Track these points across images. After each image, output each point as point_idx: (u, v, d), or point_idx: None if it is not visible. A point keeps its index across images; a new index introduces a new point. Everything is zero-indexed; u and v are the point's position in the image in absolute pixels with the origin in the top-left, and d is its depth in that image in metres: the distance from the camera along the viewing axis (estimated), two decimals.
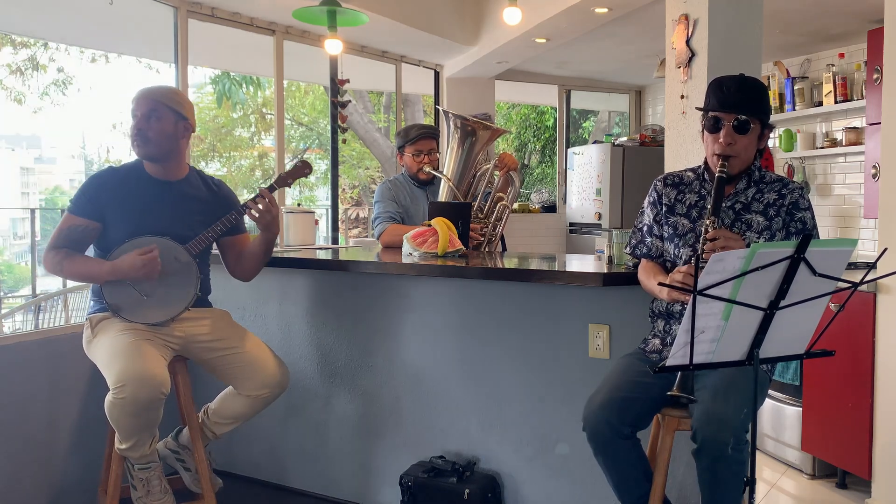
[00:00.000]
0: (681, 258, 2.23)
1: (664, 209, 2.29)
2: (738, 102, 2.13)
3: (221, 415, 2.72)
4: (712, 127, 2.16)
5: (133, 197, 2.60)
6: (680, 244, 2.24)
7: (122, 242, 2.53)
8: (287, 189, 3.23)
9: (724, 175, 2.13)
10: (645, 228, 2.34)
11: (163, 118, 2.59)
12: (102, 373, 2.44)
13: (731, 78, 2.17)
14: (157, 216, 2.60)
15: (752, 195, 2.21)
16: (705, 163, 2.28)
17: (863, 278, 1.73)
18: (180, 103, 2.64)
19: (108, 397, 2.34)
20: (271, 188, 2.66)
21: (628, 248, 2.40)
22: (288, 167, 2.77)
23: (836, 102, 4.74)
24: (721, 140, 2.14)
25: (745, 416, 1.90)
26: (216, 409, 2.74)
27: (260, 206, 2.62)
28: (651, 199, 2.34)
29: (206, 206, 2.70)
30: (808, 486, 3.48)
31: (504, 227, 3.49)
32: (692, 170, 2.35)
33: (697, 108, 2.28)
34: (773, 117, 5.06)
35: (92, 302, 2.65)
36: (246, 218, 2.74)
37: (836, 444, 3.30)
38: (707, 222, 2.07)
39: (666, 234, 2.29)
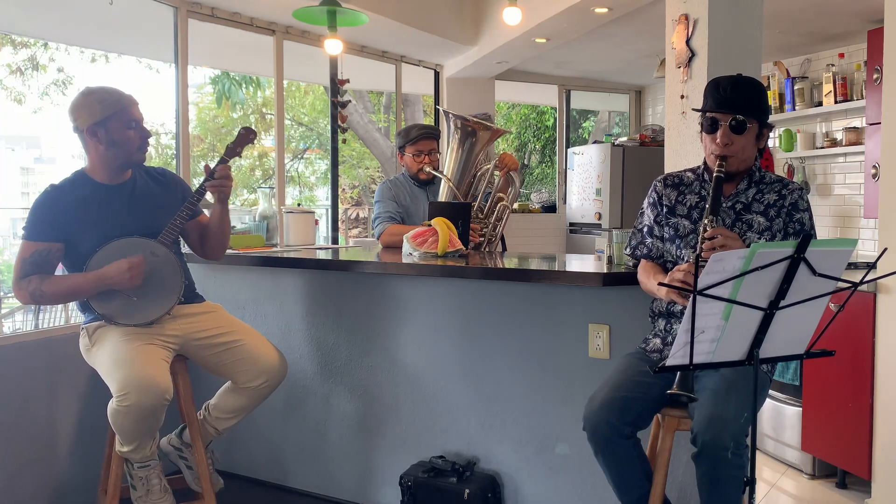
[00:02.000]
0: (683, 259, 2.23)
1: (665, 210, 2.29)
2: (734, 102, 2.13)
3: (222, 409, 2.72)
4: (710, 127, 2.17)
5: (91, 207, 2.54)
6: (681, 245, 2.24)
7: (94, 253, 2.48)
8: (287, 189, 3.22)
9: (721, 175, 2.13)
10: (645, 229, 2.34)
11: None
12: (105, 380, 2.43)
13: (728, 78, 2.17)
14: (119, 219, 2.56)
15: (752, 195, 2.21)
16: (704, 163, 2.28)
17: (863, 278, 1.72)
18: None
19: (112, 404, 2.34)
20: (222, 160, 2.63)
21: (628, 249, 2.40)
22: (232, 138, 2.74)
23: (836, 102, 4.74)
24: (718, 140, 2.14)
25: (745, 421, 1.90)
26: (216, 405, 2.74)
27: (216, 181, 2.59)
28: (651, 199, 2.34)
29: (161, 197, 2.69)
30: (808, 486, 3.48)
31: (504, 227, 3.49)
32: (692, 170, 2.35)
33: (694, 110, 2.28)
34: (773, 117, 5.07)
35: (85, 314, 2.62)
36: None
37: (836, 444, 3.30)
38: (705, 221, 2.07)
39: (667, 235, 2.29)
